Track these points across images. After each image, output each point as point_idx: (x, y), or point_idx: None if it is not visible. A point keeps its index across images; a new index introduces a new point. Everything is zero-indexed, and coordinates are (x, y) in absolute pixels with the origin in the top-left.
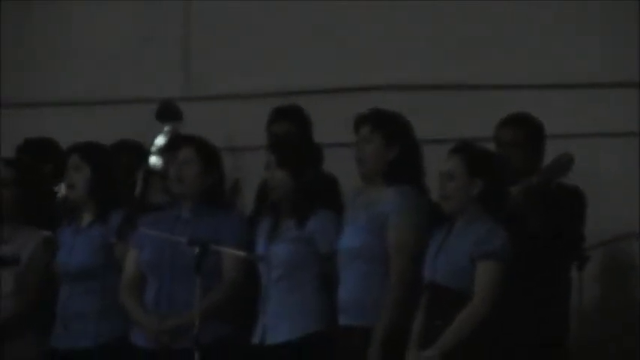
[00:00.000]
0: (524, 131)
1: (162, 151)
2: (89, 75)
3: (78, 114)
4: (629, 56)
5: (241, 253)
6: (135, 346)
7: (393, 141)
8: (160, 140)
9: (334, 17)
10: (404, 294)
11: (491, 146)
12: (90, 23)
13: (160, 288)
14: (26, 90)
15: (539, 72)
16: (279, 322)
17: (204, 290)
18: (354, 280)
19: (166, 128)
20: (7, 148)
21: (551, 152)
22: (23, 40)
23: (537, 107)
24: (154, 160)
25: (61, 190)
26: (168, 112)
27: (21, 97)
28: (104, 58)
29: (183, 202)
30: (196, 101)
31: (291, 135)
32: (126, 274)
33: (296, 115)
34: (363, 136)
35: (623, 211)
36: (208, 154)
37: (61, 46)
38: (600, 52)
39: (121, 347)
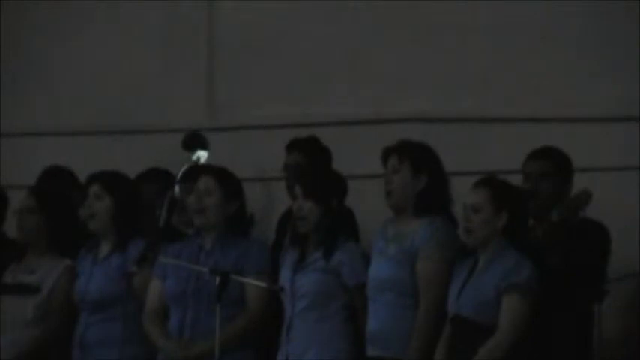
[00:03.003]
0: (552, 164)
1: (180, 181)
2: (113, 104)
3: (102, 143)
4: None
5: (262, 284)
6: None
7: (421, 172)
8: (184, 169)
9: (359, 48)
10: (433, 326)
11: (513, 179)
12: (113, 52)
13: (184, 317)
14: (48, 118)
15: (562, 106)
16: (303, 352)
17: (228, 319)
18: (383, 311)
19: (193, 157)
20: (23, 176)
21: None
22: (47, 67)
23: (562, 140)
24: (177, 189)
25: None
26: (194, 141)
27: (43, 125)
28: (130, 86)
29: (205, 232)
30: (221, 131)
31: (304, 166)
32: (149, 303)
33: (308, 147)
34: (391, 167)
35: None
36: (228, 184)
37: (84, 74)
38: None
39: None
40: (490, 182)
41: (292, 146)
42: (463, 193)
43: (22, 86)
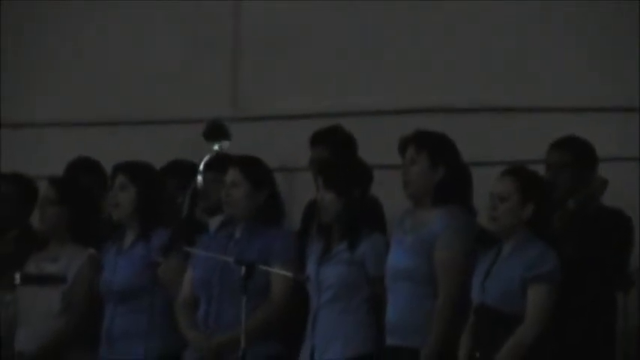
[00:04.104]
0: (571, 154)
1: (203, 172)
2: (138, 94)
3: (127, 134)
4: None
5: (289, 274)
6: None
7: (438, 162)
8: (206, 159)
9: (383, 39)
10: (452, 314)
11: (537, 169)
12: (138, 42)
13: (209, 306)
14: (68, 109)
15: (585, 96)
16: (330, 343)
17: (253, 309)
18: (402, 301)
19: (215, 147)
20: (47, 167)
21: None
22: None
23: (586, 130)
24: (200, 180)
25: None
26: (216, 132)
27: (66, 116)
28: (154, 77)
29: (236, 222)
30: (245, 121)
31: (329, 158)
32: (182, 293)
33: (332, 138)
34: (409, 157)
35: None
36: (255, 173)
37: (109, 65)
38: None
39: None
40: (518, 172)
41: (316, 139)
42: (486, 184)
43: (45, 76)
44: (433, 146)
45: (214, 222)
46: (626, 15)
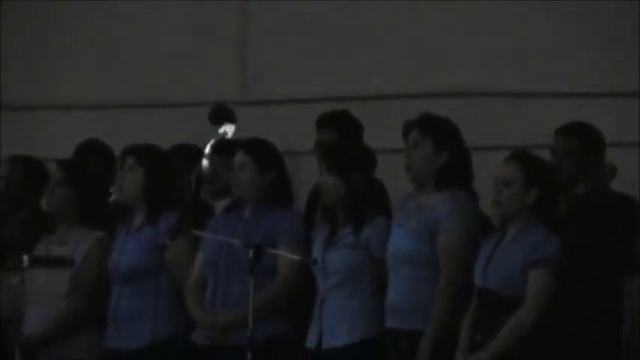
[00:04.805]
0: (577, 139)
1: (209, 155)
2: (146, 77)
3: (135, 116)
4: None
5: (296, 257)
6: (194, 343)
7: (442, 146)
8: (212, 143)
9: (390, 23)
10: (453, 298)
11: (543, 154)
12: (147, 25)
13: (216, 286)
14: (75, 92)
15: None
16: (337, 326)
17: (259, 289)
18: (403, 283)
19: (220, 130)
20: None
21: None
22: (76, 41)
23: (591, 115)
24: (205, 162)
25: (115, 192)
26: (220, 115)
27: (73, 99)
28: (161, 60)
29: (244, 203)
30: (252, 105)
31: (333, 142)
32: (192, 275)
33: (338, 122)
34: (412, 141)
35: None
36: (262, 155)
37: (116, 49)
38: None
39: (176, 346)
40: (522, 156)
41: (322, 122)
42: (494, 169)
43: (46, 59)
44: (437, 131)
45: (220, 205)
46: (626, 15)
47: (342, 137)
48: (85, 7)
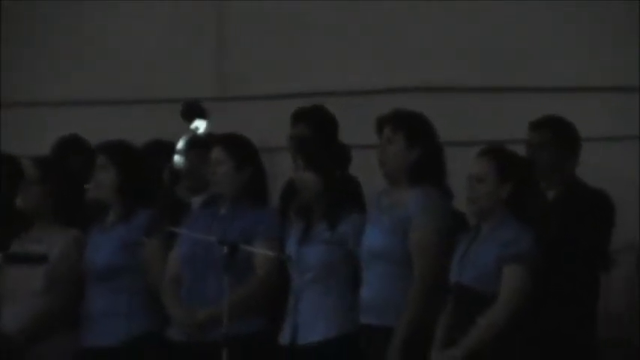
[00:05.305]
0: (552, 133)
1: (182, 151)
2: (123, 75)
3: (111, 113)
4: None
5: (271, 253)
6: (170, 340)
7: (415, 142)
8: (184, 139)
9: (363, 20)
10: (426, 295)
11: (517, 149)
12: (126, 23)
13: (193, 283)
14: (60, 89)
15: (567, 76)
16: (313, 322)
17: (236, 285)
18: (376, 280)
19: (192, 127)
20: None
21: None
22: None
23: (567, 110)
24: (177, 159)
25: (91, 189)
26: (192, 111)
27: (53, 96)
28: (139, 58)
29: (221, 199)
30: (229, 101)
31: (309, 137)
32: (168, 271)
33: (314, 117)
34: (385, 137)
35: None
36: (239, 151)
37: (93, 46)
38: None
39: (152, 343)
40: (494, 152)
41: (297, 117)
42: (468, 164)
43: (28, 57)
44: (410, 126)
45: (197, 201)
46: (626, 15)
47: (316, 133)
48: (68, 6)
